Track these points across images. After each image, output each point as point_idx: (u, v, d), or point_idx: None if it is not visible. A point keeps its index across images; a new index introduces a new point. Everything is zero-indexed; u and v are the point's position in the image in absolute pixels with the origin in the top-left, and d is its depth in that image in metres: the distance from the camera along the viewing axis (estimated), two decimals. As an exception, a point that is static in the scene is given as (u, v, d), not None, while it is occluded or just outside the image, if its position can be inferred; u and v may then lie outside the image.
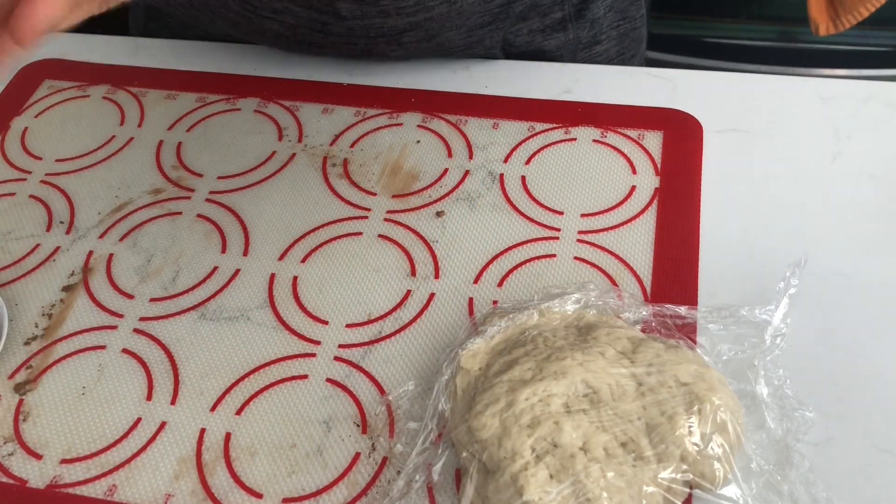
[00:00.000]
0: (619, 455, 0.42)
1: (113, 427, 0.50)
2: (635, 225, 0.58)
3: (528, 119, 0.66)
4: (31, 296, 0.56)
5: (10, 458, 0.48)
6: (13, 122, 0.68)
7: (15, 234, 0.60)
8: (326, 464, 0.47)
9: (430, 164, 0.63)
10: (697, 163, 0.61)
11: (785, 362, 0.48)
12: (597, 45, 0.76)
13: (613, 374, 0.44)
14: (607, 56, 0.77)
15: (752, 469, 0.44)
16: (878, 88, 0.66)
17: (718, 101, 0.66)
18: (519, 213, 0.59)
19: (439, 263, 0.57)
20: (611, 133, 0.64)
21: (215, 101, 0.69)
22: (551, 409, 0.43)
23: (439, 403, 0.47)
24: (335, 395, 0.50)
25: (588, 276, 0.55)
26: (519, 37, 0.72)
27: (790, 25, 1.39)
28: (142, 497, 0.47)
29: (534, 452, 0.42)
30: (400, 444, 0.47)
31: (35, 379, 0.52)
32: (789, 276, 0.50)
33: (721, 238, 0.56)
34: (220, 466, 0.48)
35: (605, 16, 0.75)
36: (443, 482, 0.46)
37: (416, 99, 0.68)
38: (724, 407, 0.43)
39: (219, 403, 0.50)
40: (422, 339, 0.53)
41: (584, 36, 0.75)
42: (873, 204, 0.58)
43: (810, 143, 0.62)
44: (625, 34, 0.78)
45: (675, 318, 0.50)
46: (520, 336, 0.48)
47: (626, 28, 0.77)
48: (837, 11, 0.61)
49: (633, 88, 0.68)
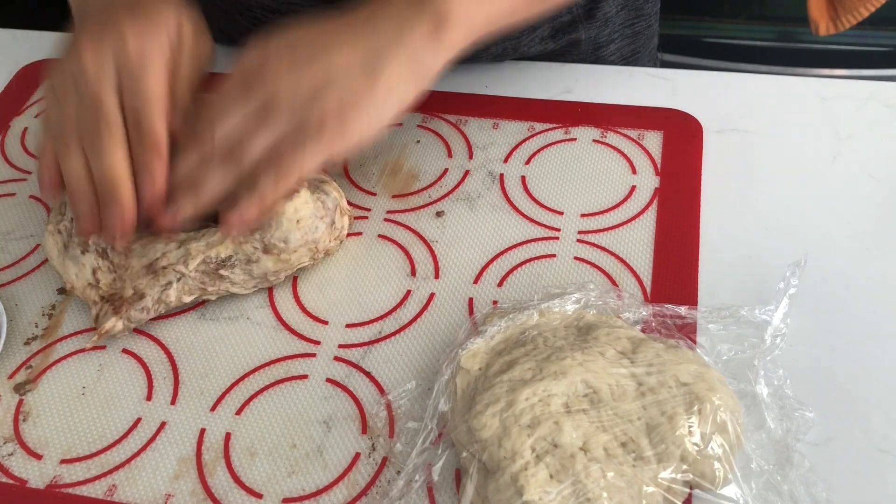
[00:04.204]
0: (619, 455, 0.42)
1: (113, 427, 0.50)
2: (635, 225, 0.58)
3: (528, 119, 0.65)
4: (30, 296, 0.56)
5: (10, 458, 0.48)
6: (13, 122, 0.68)
7: (15, 234, 0.60)
8: (326, 464, 0.47)
9: (429, 164, 0.63)
10: (697, 163, 0.61)
11: (785, 362, 0.48)
12: (611, 43, 0.76)
13: (613, 374, 0.44)
14: (621, 55, 0.76)
15: (752, 469, 0.44)
16: (878, 88, 0.66)
17: (718, 101, 0.66)
18: (519, 213, 0.59)
19: (439, 263, 0.57)
20: (611, 133, 0.64)
21: (215, 101, 0.68)
22: (551, 409, 0.43)
23: (439, 403, 0.47)
24: (335, 395, 0.50)
25: (588, 276, 0.55)
26: (532, 47, 0.71)
27: (790, 25, 1.39)
28: (142, 497, 0.47)
29: (534, 452, 0.42)
30: (400, 444, 0.47)
31: (35, 379, 0.52)
32: (789, 276, 0.50)
33: (721, 238, 0.56)
34: (220, 466, 0.48)
35: (617, 14, 0.74)
36: (443, 482, 0.46)
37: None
38: (724, 407, 0.43)
39: (219, 403, 0.50)
40: (422, 339, 0.53)
41: (596, 36, 0.74)
42: (873, 204, 0.58)
43: (810, 143, 0.62)
44: (639, 32, 0.77)
45: (675, 318, 0.50)
46: (520, 336, 0.48)
47: (641, 26, 0.77)
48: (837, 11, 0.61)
49: (633, 88, 0.68)
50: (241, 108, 0.48)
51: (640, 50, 0.78)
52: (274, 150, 0.48)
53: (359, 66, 0.48)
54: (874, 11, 0.60)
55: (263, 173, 0.48)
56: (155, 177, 0.49)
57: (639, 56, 0.78)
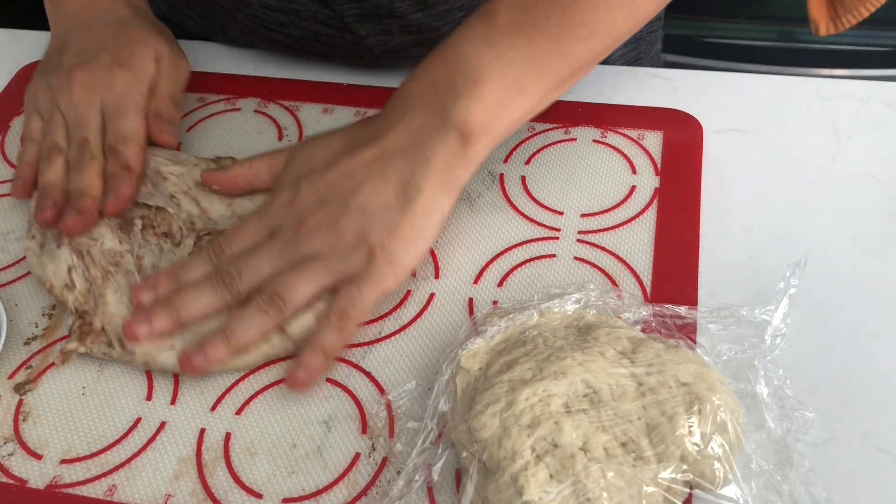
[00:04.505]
0: (619, 455, 0.42)
1: (113, 427, 0.50)
2: (635, 225, 0.58)
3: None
4: (30, 296, 0.56)
5: (10, 458, 0.48)
6: (13, 121, 0.68)
7: (15, 234, 0.60)
8: (326, 464, 0.47)
9: (430, 164, 0.63)
10: (697, 163, 0.61)
11: (785, 362, 0.48)
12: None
13: (613, 374, 0.44)
14: (625, 60, 0.76)
15: (752, 469, 0.44)
16: (878, 88, 0.66)
17: (718, 101, 0.66)
18: (519, 213, 0.59)
19: (439, 263, 0.57)
20: (611, 133, 0.64)
21: (215, 102, 0.69)
22: (551, 409, 0.43)
23: (439, 403, 0.47)
24: (335, 395, 0.50)
25: (588, 276, 0.55)
26: None
27: (790, 25, 1.39)
28: (142, 497, 0.47)
29: (534, 452, 0.42)
30: (400, 444, 0.47)
31: (35, 379, 0.52)
32: (789, 276, 0.50)
33: (721, 238, 0.56)
34: (220, 466, 0.48)
35: None
36: (443, 482, 0.46)
37: (416, 99, 0.67)
38: (724, 407, 0.43)
39: (219, 403, 0.50)
40: (422, 339, 0.53)
41: None
42: (873, 204, 0.58)
43: (810, 143, 0.62)
44: (641, 38, 0.77)
45: (675, 318, 0.50)
46: (520, 336, 0.48)
47: (643, 31, 0.77)
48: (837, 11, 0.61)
49: (633, 88, 0.68)
50: (276, 255, 0.51)
51: (641, 56, 0.78)
52: (320, 299, 0.50)
53: (394, 201, 0.50)
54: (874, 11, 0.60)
55: (322, 326, 0.50)
56: (119, 193, 0.55)
57: (641, 61, 0.79)
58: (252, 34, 0.72)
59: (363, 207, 0.50)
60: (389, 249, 0.49)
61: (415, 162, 0.50)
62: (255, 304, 0.49)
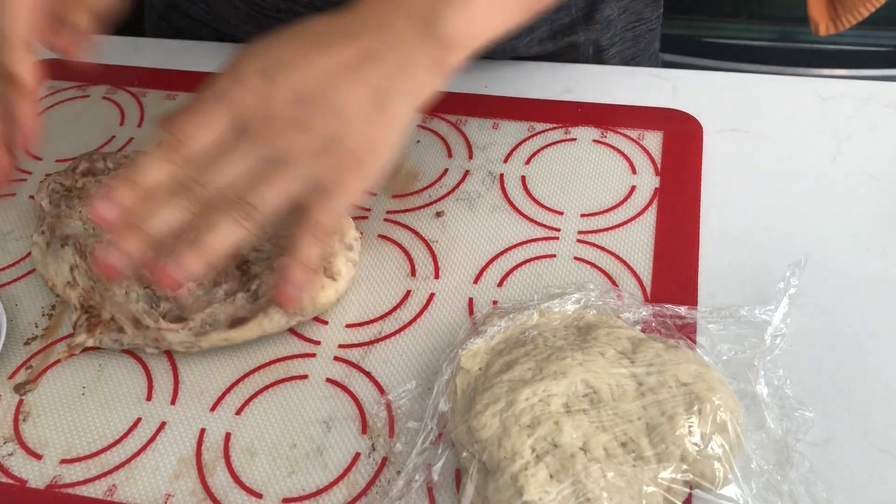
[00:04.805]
0: (619, 455, 0.42)
1: (113, 427, 0.50)
2: (635, 225, 0.58)
3: (528, 119, 0.66)
4: (30, 296, 0.56)
5: (10, 458, 0.48)
6: (13, 122, 0.68)
7: (15, 234, 0.60)
8: (326, 464, 0.47)
9: (429, 164, 0.63)
10: (697, 163, 0.61)
11: (785, 362, 0.48)
12: (612, 47, 0.75)
13: (613, 374, 0.44)
14: (622, 58, 0.76)
15: (752, 469, 0.44)
16: (878, 88, 0.66)
17: (718, 101, 0.66)
18: (519, 214, 0.59)
19: (439, 263, 0.57)
20: (611, 133, 0.64)
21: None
22: (551, 409, 0.43)
23: (439, 403, 0.47)
24: (335, 395, 0.50)
25: (588, 276, 0.55)
26: (530, 48, 0.71)
27: (790, 25, 1.39)
28: (142, 497, 0.47)
29: (534, 452, 0.42)
30: (400, 444, 0.47)
31: (35, 379, 0.52)
32: (789, 276, 0.50)
33: (721, 238, 0.56)
34: (220, 466, 0.48)
35: (618, 17, 0.74)
36: (443, 482, 0.46)
37: (416, 99, 0.68)
38: (724, 407, 0.43)
39: (219, 403, 0.50)
40: (422, 339, 0.53)
41: (597, 39, 0.74)
42: (873, 204, 0.58)
43: (810, 143, 0.62)
44: (640, 36, 0.77)
45: (675, 318, 0.50)
46: (520, 336, 0.48)
47: (642, 30, 0.76)
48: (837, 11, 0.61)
49: (633, 88, 0.68)
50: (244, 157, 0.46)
51: (640, 54, 0.78)
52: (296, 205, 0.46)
53: (370, 107, 0.47)
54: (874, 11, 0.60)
55: (299, 234, 0.46)
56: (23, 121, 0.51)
57: (639, 60, 0.79)
58: (251, 22, 0.71)
59: (339, 110, 0.46)
60: (361, 157, 0.47)
61: (393, 68, 0.48)
62: (228, 215, 0.45)
